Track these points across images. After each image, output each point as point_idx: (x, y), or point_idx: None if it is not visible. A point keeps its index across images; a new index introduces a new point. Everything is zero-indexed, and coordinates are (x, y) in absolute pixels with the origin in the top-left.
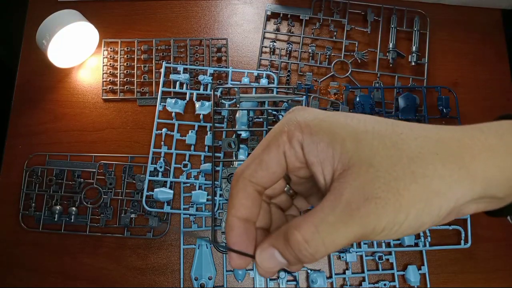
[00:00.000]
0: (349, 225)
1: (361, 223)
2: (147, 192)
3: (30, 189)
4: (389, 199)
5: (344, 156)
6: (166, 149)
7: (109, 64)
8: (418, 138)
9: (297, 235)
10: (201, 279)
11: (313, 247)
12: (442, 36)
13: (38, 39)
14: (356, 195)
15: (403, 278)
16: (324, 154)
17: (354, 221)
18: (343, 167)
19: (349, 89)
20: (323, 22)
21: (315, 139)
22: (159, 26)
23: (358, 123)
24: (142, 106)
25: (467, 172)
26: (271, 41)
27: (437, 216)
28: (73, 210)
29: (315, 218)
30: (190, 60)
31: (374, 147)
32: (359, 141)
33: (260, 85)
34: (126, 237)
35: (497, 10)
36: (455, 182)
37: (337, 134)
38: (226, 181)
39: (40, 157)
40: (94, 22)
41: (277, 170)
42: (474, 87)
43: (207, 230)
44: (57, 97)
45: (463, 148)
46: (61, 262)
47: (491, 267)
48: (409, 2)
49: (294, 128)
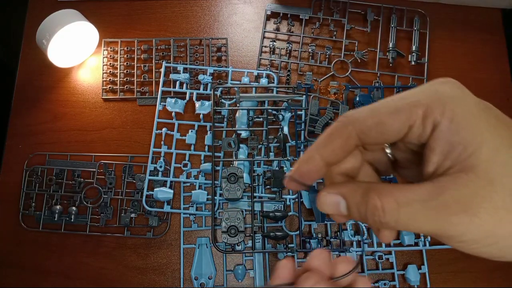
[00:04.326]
0: (431, 222)
1: (445, 227)
2: (147, 191)
3: (30, 188)
4: (487, 223)
5: (472, 160)
6: (166, 148)
7: (109, 64)
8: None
9: (377, 201)
10: (201, 278)
11: (387, 219)
12: (442, 36)
13: (38, 39)
14: (458, 202)
15: (403, 278)
16: (452, 149)
17: (438, 222)
18: (462, 168)
19: (349, 89)
20: (323, 21)
21: (453, 130)
22: (159, 26)
23: (506, 136)
24: (142, 105)
25: None
26: (271, 40)
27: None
28: (73, 209)
29: (402, 196)
30: (190, 60)
31: (508, 167)
32: (497, 154)
33: (260, 85)
34: (126, 236)
35: (497, 10)
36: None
37: (479, 135)
38: (226, 181)
39: (40, 157)
40: (94, 22)
41: (392, 137)
42: (474, 86)
43: (207, 229)
44: (57, 96)
45: None
46: (61, 261)
47: (491, 267)
48: (409, 2)
49: (435, 106)
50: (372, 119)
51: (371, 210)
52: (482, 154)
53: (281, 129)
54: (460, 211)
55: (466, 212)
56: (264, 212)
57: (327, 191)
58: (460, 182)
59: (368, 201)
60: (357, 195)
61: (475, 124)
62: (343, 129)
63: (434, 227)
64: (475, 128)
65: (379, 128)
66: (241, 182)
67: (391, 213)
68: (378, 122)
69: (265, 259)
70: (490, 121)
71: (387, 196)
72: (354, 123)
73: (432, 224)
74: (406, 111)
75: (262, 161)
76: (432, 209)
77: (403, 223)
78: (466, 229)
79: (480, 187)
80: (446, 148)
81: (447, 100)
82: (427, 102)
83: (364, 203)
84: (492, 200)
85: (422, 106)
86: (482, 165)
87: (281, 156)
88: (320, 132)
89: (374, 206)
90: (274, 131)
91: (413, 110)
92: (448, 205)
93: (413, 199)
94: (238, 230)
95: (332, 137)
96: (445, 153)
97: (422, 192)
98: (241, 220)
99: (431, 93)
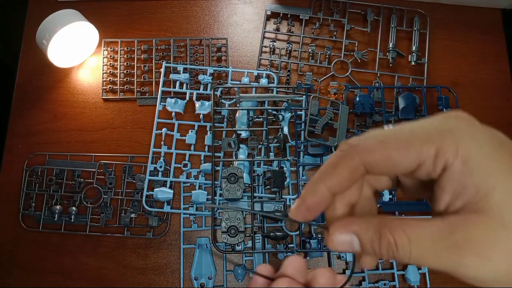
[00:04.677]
0: (443, 261)
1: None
2: (147, 191)
3: (30, 188)
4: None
5: (484, 203)
6: (166, 148)
7: (109, 64)
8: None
9: (390, 238)
10: (201, 279)
11: (400, 254)
12: (442, 36)
13: (38, 39)
14: (470, 243)
15: (403, 278)
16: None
17: (450, 262)
18: (474, 210)
19: (349, 89)
20: (323, 21)
21: (465, 172)
22: (159, 26)
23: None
24: (142, 106)
25: None
26: (271, 40)
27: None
28: (73, 209)
29: (413, 233)
30: (190, 60)
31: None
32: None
33: (260, 85)
34: (126, 236)
35: (497, 10)
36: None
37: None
38: (226, 181)
39: (40, 157)
40: (94, 22)
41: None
42: (474, 86)
43: (207, 230)
44: (57, 97)
45: None
46: (61, 262)
47: None
48: (409, 2)
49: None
50: (381, 152)
51: (385, 246)
52: (495, 198)
53: (281, 129)
54: (472, 254)
55: (479, 256)
56: (265, 212)
57: (339, 231)
58: (472, 223)
59: (381, 238)
60: (369, 232)
61: (488, 166)
62: (349, 159)
63: (446, 266)
64: (488, 170)
65: (387, 163)
66: (241, 182)
67: (404, 249)
68: (387, 157)
69: (265, 259)
70: (504, 160)
71: (398, 231)
72: (361, 154)
73: (444, 263)
74: (417, 147)
75: (262, 161)
76: (443, 249)
77: (415, 258)
78: (479, 272)
79: (492, 230)
80: (458, 190)
81: (460, 139)
82: (440, 140)
83: (377, 240)
84: (506, 244)
85: (434, 143)
86: (494, 208)
87: (281, 156)
88: (320, 133)
89: (388, 242)
90: (274, 131)
91: (424, 148)
92: (459, 246)
93: (424, 236)
94: (238, 230)
95: (338, 168)
96: (457, 194)
97: (433, 230)
98: (241, 220)
99: (443, 130)
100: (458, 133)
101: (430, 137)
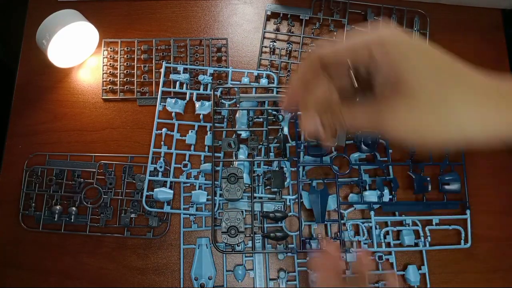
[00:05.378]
0: (371, 123)
1: (378, 126)
2: (147, 192)
3: (30, 189)
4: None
5: (402, 85)
6: (166, 149)
7: (109, 64)
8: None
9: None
10: (201, 279)
11: (342, 120)
12: (442, 36)
13: (38, 39)
14: (388, 109)
15: (403, 278)
16: (388, 79)
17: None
18: (396, 91)
19: None
20: (323, 22)
21: (389, 64)
22: (159, 26)
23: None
24: (142, 106)
25: None
26: (271, 41)
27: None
28: (73, 210)
29: (354, 108)
30: (190, 60)
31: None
32: (421, 80)
33: (260, 85)
34: (126, 237)
35: (497, 10)
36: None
37: (407, 70)
38: (226, 181)
39: (40, 157)
40: (94, 22)
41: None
42: None
43: (207, 230)
44: (57, 97)
45: None
46: (61, 262)
47: (491, 267)
48: (409, 2)
49: (377, 48)
50: (332, 51)
51: (336, 116)
52: (409, 81)
53: (281, 129)
54: (390, 118)
55: (395, 118)
56: (264, 213)
57: (307, 110)
58: (393, 98)
59: (333, 111)
60: (326, 110)
61: (405, 62)
62: (309, 56)
63: (373, 126)
64: (404, 65)
65: (336, 57)
66: (241, 183)
67: (348, 117)
68: (335, 51)
69: (265, 259)
70: (419, 58)
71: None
72: (318, 52)
73: (372, 124)
74: (358, 49)
75: (262, 162)
76: (372, 113)
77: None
78: (395, 129)
79: (407, 103)
80: (384, 78)
81: (386, 43)
82: (372, 44)
83: (331, 112)
84: (414, 109)
85: (367, 48)
86: (409, 88)
87: (281, 156)
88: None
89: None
90: (274, 132)
91: (359, 51)
92: (382, 111)
93: (360, 111)
94: (238, 230)
95: (303, 62)
96: (385, 84)
97: (367, 107)
98: (241, 220)
99: (374, 37)
100: (385, 38)
101: (366, 44)
